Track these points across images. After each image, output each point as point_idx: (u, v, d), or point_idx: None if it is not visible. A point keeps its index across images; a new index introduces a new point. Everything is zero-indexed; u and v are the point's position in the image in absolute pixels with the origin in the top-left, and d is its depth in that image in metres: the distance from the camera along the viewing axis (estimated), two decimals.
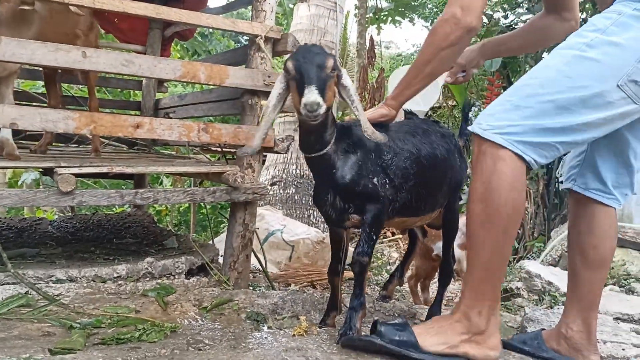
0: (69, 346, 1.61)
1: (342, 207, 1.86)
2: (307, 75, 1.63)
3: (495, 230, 1.55)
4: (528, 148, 1.54)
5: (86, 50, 2.18)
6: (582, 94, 1.51)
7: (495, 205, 1.54)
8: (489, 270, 1.58)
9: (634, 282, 3.37)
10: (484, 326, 1.57)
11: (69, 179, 2.16)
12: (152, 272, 2.54)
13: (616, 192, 1.78)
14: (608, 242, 1.79)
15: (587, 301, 1.79)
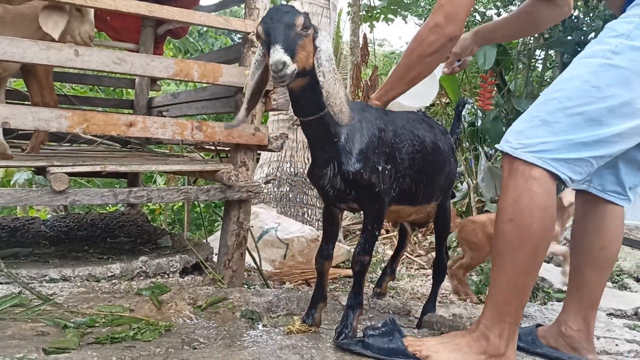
0: (63, 345, 1.60)
1: (341, 188, 1.77)
2: (273, 35, 1.53)
3: (524, 250, 1.51)
4: (562, 165, 1.49)
5: (78, 48, 2.17)
6: (611, 103, 1.46)
7: (525, 225, 1.50)
8: (515, 291, 1.53)
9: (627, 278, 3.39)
10: (503, 349, 1.52)
11: (61, 177, 2.15)
12: (147, 271, 2.53)
13: (630, 192, 1.77)
14: (616, 243, 1.78)
15: (589, 300, 1.78)
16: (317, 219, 4.90)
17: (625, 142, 1.52)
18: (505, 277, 1.54)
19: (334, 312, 2.33)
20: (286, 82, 1.52)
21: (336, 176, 1.74)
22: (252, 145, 2.66)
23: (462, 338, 1.60)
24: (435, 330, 2.14)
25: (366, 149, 1.74)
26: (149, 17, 3.07)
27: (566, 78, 1.56)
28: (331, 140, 1.72)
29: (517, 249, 1.51)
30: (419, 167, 1.92)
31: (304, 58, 1.58)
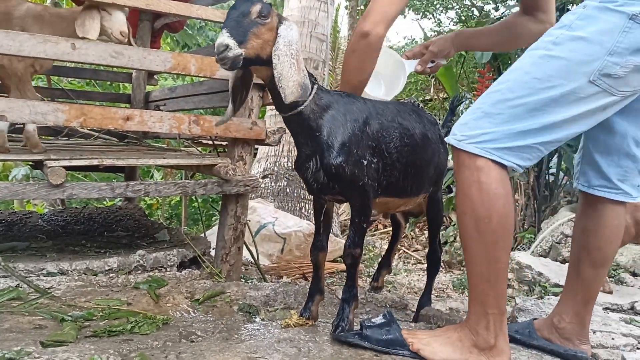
0: (61, 339, 1.60)
1: (324, 182, 1.77)
2: (225, 21, 1.57)
3: (485, 241, 1.51)
4: (506, 153, 1.50)
5: (75, 41, 2.16)
6: (552, 93, 1.46)
7: (481, 217, 1.49)
8: (488, 281, 1.52)
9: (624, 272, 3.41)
10: (493, 341, 1.53)
11: (59, 171, 2.14)
12: (144, 264, 2.53)
13: (625, 185, 1.70)
14: (613, 244, 1.74)
15: (584, 296, 1.78)
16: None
17: (575, 126, 1.51)
18: (476, 269, 1.54)
19: (331, 306, 2.34)
20: (228, 65, 1.54)
21: (319, 170, 1.75)
22: (250, 140, 2.66)
23: (454, 332, 1.60)
24: (432, 324, 2.15)
25: (349, 142, 1.73)
26: (146, 11, 3.05)
27: (511, 70, 1.56)
28: (313, 134, 1.73)
29: (479, 240, 1.51)
30: (407, 159, 1.92)
31: (257, 45, 1.59)
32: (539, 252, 3.94)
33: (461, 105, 6.14)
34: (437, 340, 1.60)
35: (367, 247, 4.95)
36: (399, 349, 1.60)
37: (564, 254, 3.69)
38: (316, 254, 1.94)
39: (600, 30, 1.43)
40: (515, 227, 4.98)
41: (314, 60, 5.34)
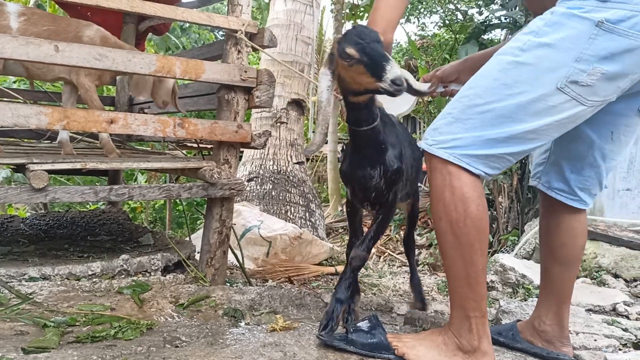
0: (43, 345, 1.58)
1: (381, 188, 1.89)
2: (381, 54, 1.60)
3: (461, 244, 1.51)
4: (474, 160, 1.50)
5: (58, 44, 2.14)
6: (520, 100, 1.46)
7: (455, 220, 1.50)
8: (468, 285, 1.53)
9: (605, 274, 3.44)
10: (477, 343, 1.53)
11: (41, 175, 2.12)
12: (128, 269, 2.51)
13: (582, 193, 1.74)
14: (577, 240, 1.78)
15: (559, 296, 1.81)
16: (299, 217, 4.90)
17: (543, 138, 1.51)
18: (454, 273, 1.55)
19: (317, 310, 2.34)
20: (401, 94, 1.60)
21: (381, 178, 1.86)
22: (235, 143, 2.65)
23: (438, 335, 1.61)
24: (417, 327, 2.16)
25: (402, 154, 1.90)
26: (131, 13, 3.04)
27: (478, 76, 1.55)
28: (379, 147, 1.84)
29: (455, 244, 1.52)
30: (409, 172, 2.05)
31: None
32: (523, 254, 3.98)
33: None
34: (422, 344, 1.60)
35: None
36: (384, 353, 1.61)
37: None
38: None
39: (566, 37, 1.43)
40: (499, 229, 5.02)
41: (300, 63, 5.34)
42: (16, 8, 2.64)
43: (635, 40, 1.38)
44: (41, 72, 2.75)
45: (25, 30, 2.56)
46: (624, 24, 1.38)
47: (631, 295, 3.05)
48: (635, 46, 1.39)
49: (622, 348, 2.12)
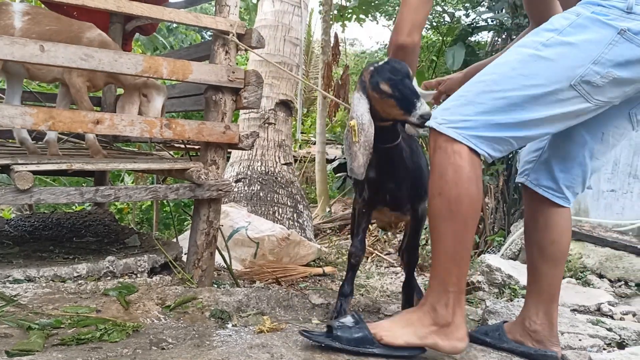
0: (28, 347, 1.57)
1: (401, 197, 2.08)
2: (412, 91, 1.75)
3: (455, 221, 1.57)
4: (481, 142, 1.57)
5: (44, 44, 2.12)
6: (535, 92, 1.54)
7: (453, 197, 1.56)
8: (453, 260, 1.59)
9: (590, 274, 3.48)
10: (451, 318, 1.59)
11: (26, 176, 2.10)
12: (114, 270, 2.49)
13: (568, 192, 1.80)
14: (565, 236, 1.83)
15: (548, 294, 1.83)
16: (287, 218, 4.89)
17: (547, 127, 1.60)
18: (442, 248, 1.60)
19: (304, 311, 2.34)
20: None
21: (400, 189, 2.05)
22: (223, 144, 2.64)
23: (413, 313, 1.66)
24: None
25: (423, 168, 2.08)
26: (118, 13, 3.02)
27: (498, 63, 1.63)
28: (402, 162, 2.00)
29: (448, 220, 1.58)
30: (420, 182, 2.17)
31: None
32: (509, 254, 4.01)
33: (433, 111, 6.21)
34: (398, 324, 1.64)
35: (340, 252, 4.96)
36: (369, 347, 1.62)
37: None
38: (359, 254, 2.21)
39: (589, 40, 1.51)
40: (486, 230, 5.05)
41: (288, 64, 5.34)
42: (21, 7, 2.66)
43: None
44: (41, 73, 2.76)
45: (27, 30, 2.58)
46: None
47: (615, 295, 3.09)
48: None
49: (607, 348, 2.15)
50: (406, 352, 1.61)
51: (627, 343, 2.23)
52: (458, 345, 1.60)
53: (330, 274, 3.86)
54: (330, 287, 3.55)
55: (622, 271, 3.42)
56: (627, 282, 3.33)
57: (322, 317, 2.30)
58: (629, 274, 3.38)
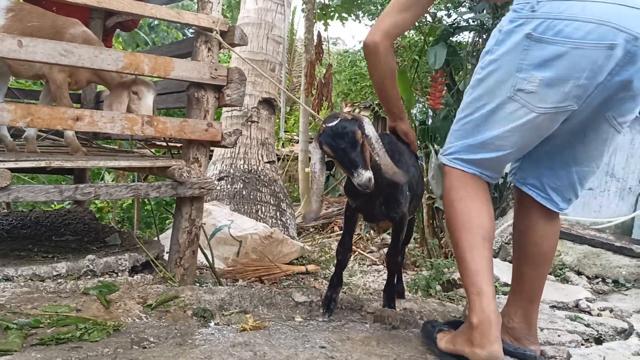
0: (6, 347, 1.55)
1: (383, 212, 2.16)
2: (350, 160, 1.81)
3: (451, 228, 1.73)
4: (466, 163, 1.73)
5: (22, 39, 2.08)
6: (485, 110, 1.67)
7: (450, 215, 1.73)
8: (459, 264, 1.71)
9: (569, 271, 3.53)
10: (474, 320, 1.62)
11: (4, 173, 2.06)
12: (94, 269, 2.46)
13: (554, 194, 1.80)
14: (547, 241, 1.83)
15: (528, 295, 1.85)
16: (270, 216, 4.88)
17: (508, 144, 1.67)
18: (457, 258, 1.75)
19: (287, 309, 2.33)
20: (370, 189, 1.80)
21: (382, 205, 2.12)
22: (205, 141, 2.63)
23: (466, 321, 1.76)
24: (387, 324, 2.17)
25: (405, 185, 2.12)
26: (98, 9, 2.98)
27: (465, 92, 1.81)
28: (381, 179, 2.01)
29: (449, 228, 1.76)
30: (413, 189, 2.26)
31: (369, 158, 1.86)
32: None
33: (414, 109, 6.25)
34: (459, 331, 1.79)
35: (323, 250, 4.96)
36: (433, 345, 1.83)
37: None
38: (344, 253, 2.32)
39: (508, 51, 1.61)
40: None
41: (271, 62, 5.32)
42: (4, 4, 2.62)
43: (562, 46, 1.52)
44: (23, 69, 2.74)
45: (9, 27, 2.55)
46: (549, 33, 1.53)
47: (593, 292, 3.14)
48: (562, 52, 1.52)
49: (585, 343, 2.18)
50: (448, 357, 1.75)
51: (604, 338, 2.27)
52: (477, 352, 1.61)
53: (313, 272, 3.86)
54: (313, 285, 3.55)
55: (600, 268, 3.48)
56: (605, 279, 3.39)
57: (305, 314, 2.30)
58: (607, 271, 3.44)
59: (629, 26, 1.48)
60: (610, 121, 1.66)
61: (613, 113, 1.64)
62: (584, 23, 1.50)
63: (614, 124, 1.66)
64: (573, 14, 1.51)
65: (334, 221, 6.64)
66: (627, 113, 1.64)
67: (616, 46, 1.48)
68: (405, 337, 1.98)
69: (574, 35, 1.50)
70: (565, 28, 1.51)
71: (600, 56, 1.50)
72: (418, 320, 2.19)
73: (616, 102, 1.60)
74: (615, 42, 1.48)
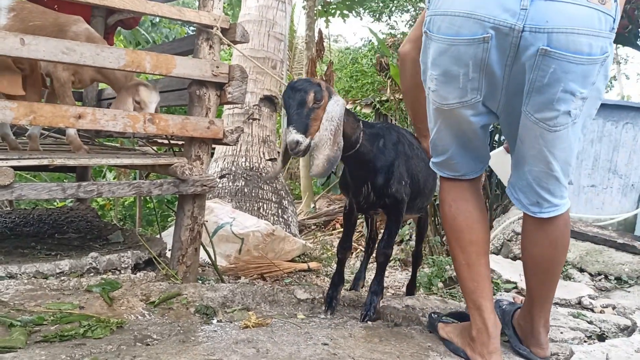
0: (10, 344, 1.55)
1: (373, 202, 2.15)
2: (289, 115, 1.82)
3: (449, 243, 1.79)
4: (437, 166, 1.81)
5: (24, 37, 2.08)
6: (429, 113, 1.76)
7: (445, 232, 1.80)
8: (458, 279, 1.77)
9: (571, 268, 3.53)
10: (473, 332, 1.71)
11: (6, 171, 2.07)
12: (97, 267, 2.47)
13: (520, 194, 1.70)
14: (535, 247, 1.73)
15: (530, 298, 1.83)
16: (272, 214, 4.89)
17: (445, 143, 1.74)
18: (456, 272, 1.80)
19: (289, 306, 2.34)
20: (301, 155, 1.81)
21: (370, 192, 2.12)
22: (207, 139, 2.63)
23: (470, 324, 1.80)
24: (389, 321, 2.18)
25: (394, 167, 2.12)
26: (99, 6, 2.98)
27: None
28: (367, 166, 2.09)
29: (450, 248, 1.81)
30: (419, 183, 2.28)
31: (316, 127, 1.84)
32: (491, 249, 4.05)
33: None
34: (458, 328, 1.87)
35: (325, 247, 4.96)
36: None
37: (515, 251, 3.80)
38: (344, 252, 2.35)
39: (423, 52, 1.67)
40: None
41: (272, 59, 5.32)
42: (7, 3, 2.62)
43: (442, 44, 1.53)
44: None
45: (12, 27, 2.55)
46: (434, 29, 1.55)
47: (595, 289, 3.14)
48: (444, 48, 1.53)
49: (587, 340, 2.18)
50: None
51: (607, 335, 2.27)
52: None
53: (315, 270, 3.86)
54: (315, 282, 3.55)
55: (602, 265, 3.48)
56: (607, 276, 3.38)
57: (307, 312, 2.30)
58: (609, 268, 3.43)
59: (499, 17, 1.42)
60: (529, 117, 1.53)
61: (527, 107, 1.53)
62: (454, 17, 1.48)
63: (533, 121, 1.53)
64: (445, 9, 1.51)
65: (335, 219, 6.65)
66: (541, 108, 1.50)
67: (490, 38, 1.44)
68: (407, 334, 1.99)
69: (449, 31, 1.50)
70: (442, 24, 1.52)
71: (478, 50, 1.47)
72: (420, 317, 2.19)
73: (525, 96, 1.51)
74: (487, 34, 1.44)
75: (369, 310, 2.14)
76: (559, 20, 1.39)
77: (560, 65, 1.42)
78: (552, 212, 1.65)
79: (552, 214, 1.65)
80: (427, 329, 2.05)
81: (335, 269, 2.39)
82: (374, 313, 2.13)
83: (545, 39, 1.40)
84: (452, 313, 2.13)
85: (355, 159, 2.07)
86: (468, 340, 1.74)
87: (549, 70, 1.43)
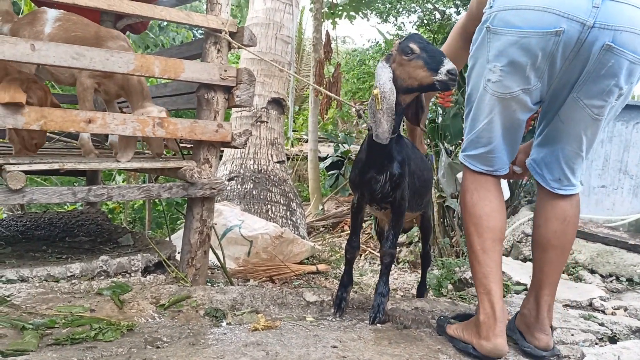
0: (22, 347, 1.56)
1: (387, 192, 2.16)
2: (438, 51, 1.90)
3: (465, 229, 1.84)
4: (472, 159, 1.86)
5: (34, 42, 2.11)
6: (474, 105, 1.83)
7: (464, 220, 1.84)
8: (472, 264, 1.84)
9: (582, 270, 3.51)
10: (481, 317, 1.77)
11: (18, 176, 2.09)
12: (107, 270, 2.48)
13: (545, 170, 1.87)
14: (552, 223, 1.86)
15: (536, 279, 1.90)
16: (281, 216, 4.89)
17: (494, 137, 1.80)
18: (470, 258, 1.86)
19: (298, 308, 2.34)
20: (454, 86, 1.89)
21: (386, 182, 2.13)
22: (215, 142, 2.64)
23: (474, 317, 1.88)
24: (398, 324, 2.17)
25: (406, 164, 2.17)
26: (108, 12, 3.00)
27: None
28: (390, 156, 2.12)
29: (466, 235, 1.86)
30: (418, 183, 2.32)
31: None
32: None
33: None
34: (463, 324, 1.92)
35: (333, 249, 4.97)
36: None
37: (525, 252, 3.78)
38: (353, 251, 2.35)
39: (479, 47, 1.76)
40: None
41: (280, 62, 5.33)
42: (54, 14, 2.73)
43: (512, 36, 1.63)
44: (63, 77, 2.82)
45: (55, 35, 2.65)
46: (501, 24, 1.65)
47: (607, 291, 3.12)
48: (513, 41, 1.63)
49: (599, 342, 2.17)
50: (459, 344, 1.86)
51: (618, 337, 2.25)
52: (483, 344, 1.75)
53: (324, 272, 3.86)
54: (324, 284, 3.56)
55: (614, 266, 3.45)
56: (619, 277, 3.36)
57: (316, 314, 2.31)
58: (620, 269, 3.41)
59: (573, 12, 1.55)
60: (578, 102, 1.69)
61: (578, 94, 1.68)
62: (527, 11, 1.60)
63: (581, 106, 1.69)
64: (517, 3, 1.62)
65: (344, 220, 6.64)
66: (593, 96, 1.66)
67: (562, 32, 1.56)
68: (416, 337, 1.98)
69: (521, 24, 1.61)
70: (512, 18, 1.62)
71: (549, 42, 1.59)
72: (430, 320, 2.19)
73: (578, 84, 1.66)
74: (560, 28, 1.56)
75: (378, 313, 2.13)
76: (624, 20, 1.54)
77: (618, 61, 1.57)
78: (569, 190, 1.85)
79: (569, 191, 1.85)
80: (436, 331, 2.05)
81: (343, 270, 2.38)
82: (382, 315, 2.13)
83: (612, 35, 1.54)
84: (459, 315, 2.16)
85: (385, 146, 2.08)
86: (475, 330, 1.79)
87: (608, 64, 1.58)
